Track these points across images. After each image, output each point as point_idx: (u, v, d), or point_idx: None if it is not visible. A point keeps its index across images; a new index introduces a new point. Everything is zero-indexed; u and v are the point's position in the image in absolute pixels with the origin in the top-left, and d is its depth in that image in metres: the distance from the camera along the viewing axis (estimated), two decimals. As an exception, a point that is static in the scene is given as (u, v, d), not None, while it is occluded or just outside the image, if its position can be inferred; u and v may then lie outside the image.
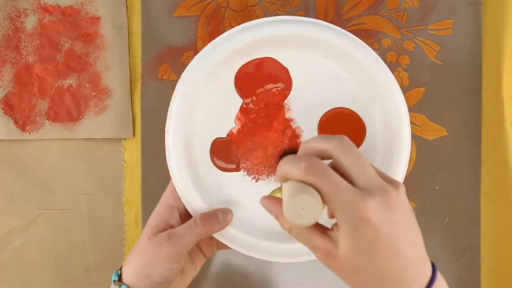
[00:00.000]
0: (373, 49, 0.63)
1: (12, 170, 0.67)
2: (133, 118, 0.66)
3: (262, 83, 0.58)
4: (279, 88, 0.58)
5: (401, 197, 0.40)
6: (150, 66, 0.65)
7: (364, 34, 0.64)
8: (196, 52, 0.65)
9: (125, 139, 0.66)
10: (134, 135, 0.66)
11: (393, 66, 0.64)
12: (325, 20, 0.64)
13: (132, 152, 0.66)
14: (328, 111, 0.58)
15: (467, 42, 0.64)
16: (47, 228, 0.67)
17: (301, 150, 0.43)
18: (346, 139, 0.41)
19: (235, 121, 0.58)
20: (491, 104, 0.64)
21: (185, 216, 0.57)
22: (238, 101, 0.58)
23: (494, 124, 0.63)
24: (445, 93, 0.64)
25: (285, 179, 0.42)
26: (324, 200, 0.39)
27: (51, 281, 0.67)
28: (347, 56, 0.56)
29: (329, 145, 0.41)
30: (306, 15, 0.64)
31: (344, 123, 0.58)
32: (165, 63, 0.65)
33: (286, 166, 0.41)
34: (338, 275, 0.41)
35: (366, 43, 0.64)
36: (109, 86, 0.65)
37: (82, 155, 0.66)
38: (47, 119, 0.65)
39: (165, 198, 0.58)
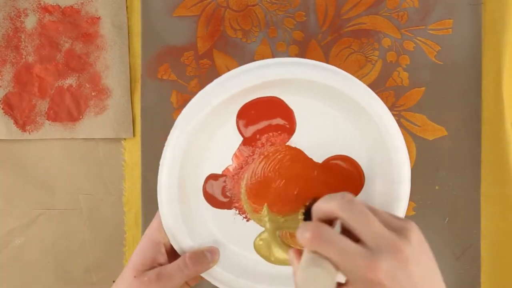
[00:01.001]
0: (373, 49, 0.64)
1: (12, 170, 0.67)
2: (133, 118, 0.66)
3: (265, 122, 0.56)
4: (282, 129, 0.56)
5: (413, 247, 0.38)
6: (150, 66, 0.65)
7: (364, 34, 0.64)
8: (196, 52, 0.65)
9: (125, 139, 0.66)
10: (134, 135, 0.66)
11: (393, 66, 0.64)
12: (325, 19, 0.64)
13: (132, 152, 0.66)
14: (328, 158, 0.56)
15: (467, 42, 0.64)
16: (47, 228, 0.67)
17: (313, 214, 0.42)
18: (348, 196, 0.40)
19: (232, 159, 0.57)
20: (491, 104, 0.64)
21: (172, 251, 0.55)
22: (238, 139, 0.56)
23: (494, 124, 0.63)
24: (445, 93, 0.64)
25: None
26: (335, 266, 0.38)
27: (51, 281, 0.67)
28: (355, 105, 0.54)
29: (332, 205, 0.40)
30: (306, 15, 0.64)
31: (343, 172, 0.56)
32: (165, 63, 0.65)
33: (298, 235, 0.40)
34: None
35: (366, 43, 0.64)
36: (109, 86, 0.65)
37: (82, 155, 0.66)
38: (47, 119, 0.65)
39: (151, 233, 0.55)
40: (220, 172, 0.57)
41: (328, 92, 0.54)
